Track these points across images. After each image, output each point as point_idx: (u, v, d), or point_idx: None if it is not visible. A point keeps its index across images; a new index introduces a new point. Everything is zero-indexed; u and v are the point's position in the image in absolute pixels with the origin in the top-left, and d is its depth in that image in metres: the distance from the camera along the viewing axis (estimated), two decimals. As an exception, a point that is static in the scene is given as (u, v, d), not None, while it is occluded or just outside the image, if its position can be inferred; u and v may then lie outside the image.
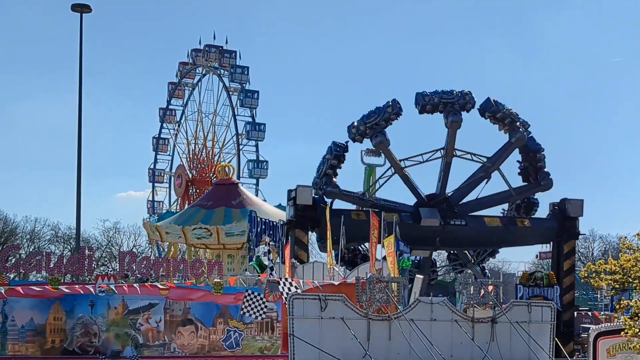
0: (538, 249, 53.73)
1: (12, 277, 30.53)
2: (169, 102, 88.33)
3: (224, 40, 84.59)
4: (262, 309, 24.20)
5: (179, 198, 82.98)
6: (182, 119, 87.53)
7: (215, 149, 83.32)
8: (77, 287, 25.69)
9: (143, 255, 32.95)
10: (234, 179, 61.68)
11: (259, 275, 27.78)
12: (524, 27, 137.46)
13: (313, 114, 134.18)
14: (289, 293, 22.93)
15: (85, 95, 50.97)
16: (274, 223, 39.52)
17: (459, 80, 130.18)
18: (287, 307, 22.11)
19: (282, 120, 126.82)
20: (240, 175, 77.33)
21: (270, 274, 25.65)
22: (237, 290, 26.55)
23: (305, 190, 37.97)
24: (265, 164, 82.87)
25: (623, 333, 21.18)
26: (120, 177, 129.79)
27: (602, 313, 48.89)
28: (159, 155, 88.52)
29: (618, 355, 24.82)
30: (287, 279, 24.60)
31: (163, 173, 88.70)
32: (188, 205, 68.47)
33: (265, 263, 27.47)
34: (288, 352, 21.98)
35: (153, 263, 27.51)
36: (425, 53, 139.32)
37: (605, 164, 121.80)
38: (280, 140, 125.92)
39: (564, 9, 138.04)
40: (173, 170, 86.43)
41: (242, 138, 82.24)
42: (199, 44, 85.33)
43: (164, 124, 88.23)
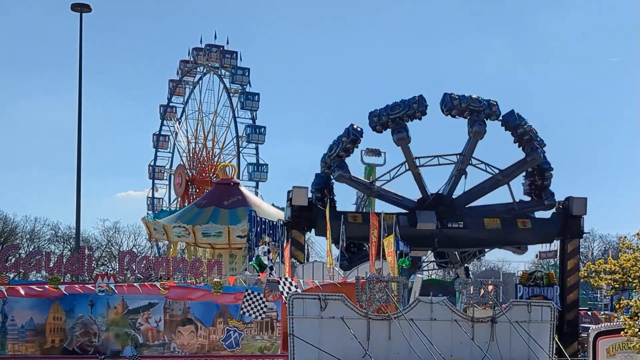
0: (538, 249, 53.77)
1: (11, 276, 30.49)
2: (170, 99, 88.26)
3: (225, 40, 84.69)
4: (262, 309, 24.20)
5: (179, 198, 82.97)
6: (182, 117, 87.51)
7: (216, 150, 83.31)
8: (76, 287, 25.66)
9: (143, 255, 32.85)
10: (235, 179, 61.70)
11: (259, 275, 27.78)
12: (524, 27, 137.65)
13: (313, 115, 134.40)
14: (289, 293, 22.95)
15: (85, 95, 50.92)
16: (274, 223, 39.56)
17: (459, 80, 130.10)
18: (287, 306, 22.11)
19: (281, 121, 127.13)
20: (240, 178, 77.68)
21: (270, 274, 25.64)
22: (236, 290, 26.55)
23: (301, 191, 37.72)
24: (265, 168, 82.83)
25: (623, 333, 21.15)
26: (120, 176, 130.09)
27: (601, 313, 49.00)
28: (159, 152, 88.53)
29: (618, 355, 24.83)
30: (287, 279, 24.61)
31: (163, 170, 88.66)
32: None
33: (265, 263, 27.45)
34: (288, 351, 21.99)
35: (153, 263, 27.44)
36: (425, 53, 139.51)
37: (605, 164, 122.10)
38: (280, 141, 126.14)
39: (564, 9, 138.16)
40: (173, 168, 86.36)
41: (242, 140, 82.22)
42: (200, 43, 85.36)
43: (165, 121, 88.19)
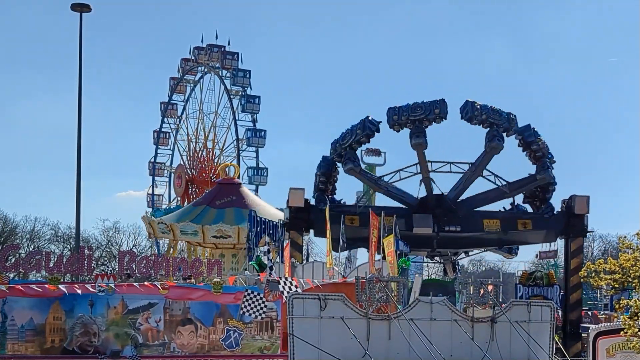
0: (538, 248, 53.79)
1: (11, 276, 30.49)
2: (171, 97, 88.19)
3: (226, 41, 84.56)
4: (261, 309, 24.19)
5: (179, 197, 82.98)
6: (183, 115, 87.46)
7: (216, 151, 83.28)
8: (76, 287, 25.67)
9: (143, 255, 32.83)
10: (237, 179, 61.70)
11: (259, 275, 27.78)
12: (524, 27, 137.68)
13: (313, 115, 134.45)
14: (289, 292, 22.95)
15: (85, 95, 51.05)
16: (274, 223, 39.56)
17: (459, 80, 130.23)
18: (286, 306, 22.11)
19: (281, 122, 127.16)
20: (240, 182, 77.84)
21: (270, 274, 25.65)
22: (236, 290, 26.55)
23: (298, 193, 37.56)
24: (265, 171, 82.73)
25: (622, 333, 21.15)
26: (120, 176, 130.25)
27: (601, 312, 49.01)
28: (160, 149, 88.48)
29: (617, 355, 24.85)
30: (287, 279, 24.61)
31: (163, 167, 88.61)
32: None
33: (265, 262, 27.46)
34: (288, 351, 22.00)
35: (153, 262, 27.43)
36: (425, 53, 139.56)
37: (605, 164, 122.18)
38: (280, 142, 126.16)
39: (564, 9, 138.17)
40: (173, 166, 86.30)
41: (242, 143, 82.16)
42: (202, 42, 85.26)
43: (165, 118, 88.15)
